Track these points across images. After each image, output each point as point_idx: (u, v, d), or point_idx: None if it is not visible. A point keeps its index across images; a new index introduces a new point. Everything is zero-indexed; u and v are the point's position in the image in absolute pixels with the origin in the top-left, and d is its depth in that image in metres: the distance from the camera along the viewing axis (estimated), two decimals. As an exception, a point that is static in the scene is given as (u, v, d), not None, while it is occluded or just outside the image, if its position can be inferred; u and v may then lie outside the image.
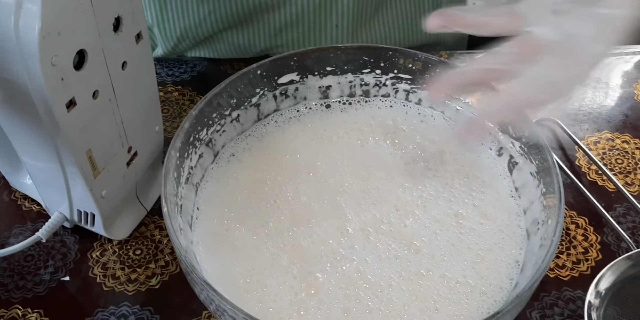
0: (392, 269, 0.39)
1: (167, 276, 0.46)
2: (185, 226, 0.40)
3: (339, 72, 0.49)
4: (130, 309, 0.44)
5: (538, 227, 0.40)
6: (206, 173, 0.45)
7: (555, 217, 0.37)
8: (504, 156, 0.46)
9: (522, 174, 0.44)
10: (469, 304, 0.38)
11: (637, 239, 0.49)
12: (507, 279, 0.39)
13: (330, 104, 0.50)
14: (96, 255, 0.47)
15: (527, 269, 0.38)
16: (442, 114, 0.49)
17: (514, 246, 0.41)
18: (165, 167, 0.38)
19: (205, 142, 0.44)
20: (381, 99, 0.50)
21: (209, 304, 0.35)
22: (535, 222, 0.41)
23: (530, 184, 0.42)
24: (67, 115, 0.36)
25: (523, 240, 0.41)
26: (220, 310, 0.33)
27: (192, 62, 0.64)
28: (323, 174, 0.45)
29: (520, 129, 0.43)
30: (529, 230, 0.41)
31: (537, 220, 0.41)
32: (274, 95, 0.48)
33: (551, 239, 0.36)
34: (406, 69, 0.48)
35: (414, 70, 0.48)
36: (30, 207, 0.50)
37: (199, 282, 0.33)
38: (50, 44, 0.33)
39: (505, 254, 0.41)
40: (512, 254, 0.41)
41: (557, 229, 0.36)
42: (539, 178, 0.42)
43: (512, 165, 0.45)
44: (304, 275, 0.39)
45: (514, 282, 0.39)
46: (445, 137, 0.48)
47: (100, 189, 0.43)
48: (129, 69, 0.41)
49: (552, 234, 0.36)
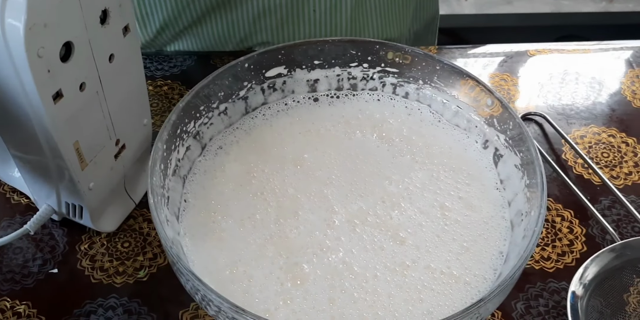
0: (378, 260, 0.40)
1: (155, 268, 0.46)
2: (172, 218, 0.40)
3: (326, 65, 0.49)
4: (119, 301, 0.44)
5: (522, 219, 0.40)
6: (193, 165, 0.45)
7: (538, 208, 0.37)
8: (490, 149, 0.46)
9: (506, 166, 0.44)
10: (452, 294, 0.38)
11: (621, 232, 0.50)
12: (491, 269, 0.40)
13: (318, 98, 0.50)
14: (84, 248, 0.47)
15: (511, 259, 0.39)
16: (429, 107, 0.49)
17: (498, 237, 0.41)
18: (152, 159, 0.39)
19: (192, 134, 0.44)
20: (369, 92, 0.51)
21: (194, 295, 0.35)
22: (519, 214, 0.41)
23: (515, 176, 0.43)
24: (53, 107, 0.36)
25: (507, 232, 0.42)
26: (206, 300, 0.34)
27: (182, 57, 0.64)
28: (310, 167, 0.45)
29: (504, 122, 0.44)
30: (513, 221, 0.42)
31: (520, 212, 0.41)
32: (261, 89, 0.49)
33: (533, 229, 0.36)
34: (393, 62, 0.49)
35: (400, 64, 0.48)
36: (19, 200, 0.51)
37: (184, 272, 0.33)
38: (37, 36, 0.33)
39: (489, 245, 0.41)
40: (496, 245, 0.41)
41: (540, 219, 0.37)
42: (523, 170, 0.42)
43: (498, 158, 0.45)
44: (290, 266, 0.39)
45: (497, 273, 0.39)
46: (431, 131, 0.48)
47: (88, 182, 0.43)
48: (116, 61, 0.41)
49: (534, 224, 0.37)
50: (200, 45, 0.67)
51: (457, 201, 0.43)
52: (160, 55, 0.64)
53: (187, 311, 0.44)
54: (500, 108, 0.44)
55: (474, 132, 0.47)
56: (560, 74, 0.65)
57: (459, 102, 0.47)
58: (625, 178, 0.55)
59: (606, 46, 0.70)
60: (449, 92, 0.48)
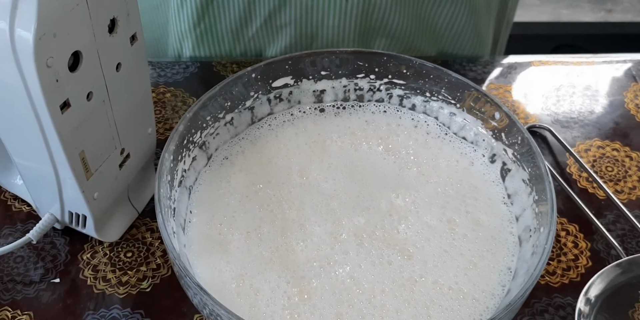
0: (385, 275, 0.39)
1: (159, 279, 0.46)
2: (179, 229, 0.40)
3: (333, 76, 0.49)
4: (121, 312, 0.44)
5: (530, 235, 0.40)
6: (199, 176, 0.44)
7: (548, 225, 0.37)
8: (497, 163, 0.46)
9: (514, 181, 0.44)
10: (461, 310, 0.38)
11: (626, 247, 0.50)
12: (499, 285, 0.39)
13: (324, 108, 0.50)
14: (87, 258, 0.47)
15: (519, 275, 0.38)
16: (436, 120, 0.49)
17: (506, 253, 0.41)
18: (159, 170, 0.38)
19: (198, 144, 0.44)
20: (375, 104, 0.50)
21: (202, 309, 0.35)
22: (527, 229, 0.41)
23: (523, 191, 0.43)
24: (61, 116, 0.36)
25: (515, 247, 0.41)
26: (214, 315, 0.33)
27: (185, 64, 0.64)
28: (316, 179, 0.45)
29: (513, 136, 0.44)
30: (521, 237, 0.42)
31: (529, 228, 0.41)
32: (268, 99, 0.48)
33: (543, 246, 0.36)
34: (400, 74, 0.48)
35: (408, 75, 0.48)
36: (20, 208, 0.50)
37: (192, 286, 0.33)
38: (46, 46, 0.33)
39: (497, 260, 0.41)
40: (504, 260, 0.41)
41: (550, 237, 0.36)
42: (531, 185, 0.42)
43: (505, 172, 0.45)
44: (297, 280, 0.39)
45: (506, 289, 0.39)
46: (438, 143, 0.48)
47: (93, 191, 0.42)
48: (123, 70, 0.40)
49: (544, 242, 0.36)
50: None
51: (465, 215, 0.43)
52: (163, 62, 0.64)
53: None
54: (508, 122, 0.44)
55: (481, 145, 0.47)
56: (564, 86, 0.65)
57: (466, 115, 0.47)
58: (629, 192, 0.55)
59: (610, 59, 0.70)
60: (456, 104, 0.47)
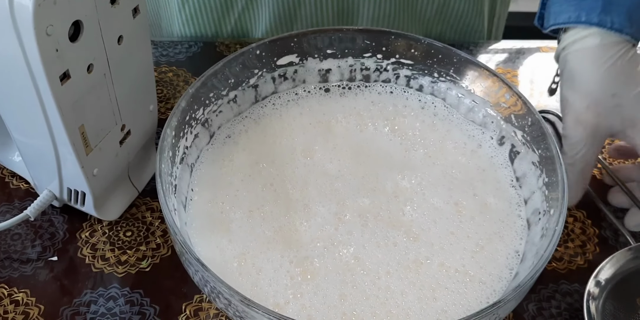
0: (391, 256, 0.38)
1: (158, 259, 0.45)
2: (180, 207, 0.39)
3: (339, 55, 0.48)
4: (120, 291, 0.43)
5: (539, 217, 0.39)
6: (201, 154, 0.43)
7: (559, 207, 0.36)
8: (506, 145, 0.45)
9: (523, 163, 0.43)
10: (467, 293, 0.37)
11: (635, 234, 0.49)
12: (507, 269, 0.39)
13: (330, 88, 0.49)
14: (85, 236, 0.46)
15: (528, 259, 0.38)
16: (443, 101, 0.48)
17: (514, 236, 0.40)
18: (160, 145, 0.37)
19: (201, 121, 0.43)
20: (382, 84, 0.49)
21: (203, 286, 0.34)
22: (536, 212, 0.40)
23: (532, 173, 0.42)
24: (60, 88, 0.35)
25: (523, 231, 0.41)
26: (215, 292, 0.32)
27: (187, 43, 0.63)
28: (320, 159, 0.44)
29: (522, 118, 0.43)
30: (530, 220, 0.41)
31: (538, 210, 0.40)
32: (272, 77, 0.47)
33: (554, 228, 0.35)
34: (408, 54, 0.47)
35: (416, 55, 0.47)
36: (19, 185, 0.49)
37: (194, 263, 0.32)
38: (46, 13, 0.32)
39: (504, 243, 0.40)
40: (512, 244, 0.40)
41: (560, 219, 0.35)
42: (541, 168, 0.41)
43: (514, 155, 0.44)
44: (300, 260, 0.38)
45: (513, 272, 0.38)
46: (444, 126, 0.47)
47: (92, 167, 0.41)
48: (124, 43, 0.39)
49: (554, 224, 0.36)
50: None
51: (472, 198, 0.42)
52: (166, 41, 0.63)
53: (190, 304, 0.42)
54: (519, 103, 0.43)
55: (489, 127, 0.46)
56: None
57: (475, 97, 0.46)
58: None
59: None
60: (465, 85, 0.46)
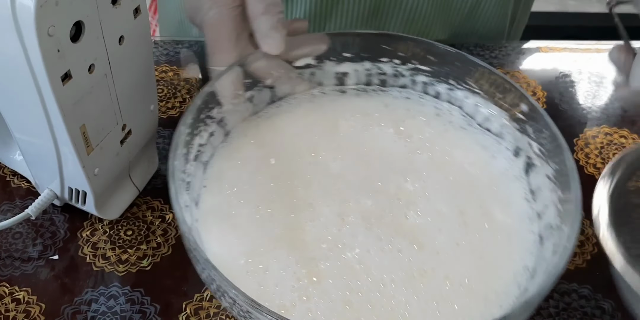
0: (395, 264, 0.38)
1: (159, 258, 0.45)
2: (192, 204, 0.39)
3: (356, 59, 0.47)
4: (121, 290, 0.43)
5: (552, 233, 0.38)
6: (215, 151, 0.43)
7: (572, 223, 0.35)
8: (521, 157, 0.44)
9: (538, 176, 0.42)
10: (471, 308, 0.36)
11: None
12: (514, 284, 0.38)
13: (346, 91, 0.49)
14: (86, 235, 0.46)
15: (538, 275, 0.37)
16: (460, 109, 0.47)
17: (523, 251, 0.39)
18: (174, 142, 0.37)
19: (217, 120, 0.43)
20: (398, 89, 0.48)
21: (209, 284, 0.34)
22: (549, 227, 0.39)
23: (547, 187, 0.40)
24: (62, 88, 0.35)
25: (534, 246, 0.39)
26: (221, 291, 0.32)
27: (188, 42, 0.63)
28: (325, 158, 0.44)
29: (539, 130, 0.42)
30: (542, 235, 0.40)
31: (551, 225, 0.39)
32: (289, 78, 0.47)
33: (565, 245, 0.34)
34: (425, 60, 0.46)
35: (433, 62, 0.46)
36: (19, 183, 0.49)
37: (201, 261, 0.32)
38: (48, 14, 0.32)
39: (512, 258, 0.39)
40: (521, 259, 0.39)
41: (574, 235, 0.34)
42: (556, 182, 0.40)
43: (529, 167, 0.43)
44: (306, 261, 0.38)
45: (522, 288, 0.37)
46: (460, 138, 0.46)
47: (93, 167, 0.42)
48: (126, 43, 0.39)
49: (566, 241, 0.34)
50: None
51: (478, 209, 0.41)
52: (166, 41, 0.63)
53: (191, 302, 0.43)
54: (536, 115, 0.42)
55: (505, 138, 0.45)
56: (572, 72, 0.64)
57: (492, 106, 0.45)
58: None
59: (619, 45, 0.69)
60: (482, 95, 0.45)
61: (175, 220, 0.47)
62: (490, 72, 0.44)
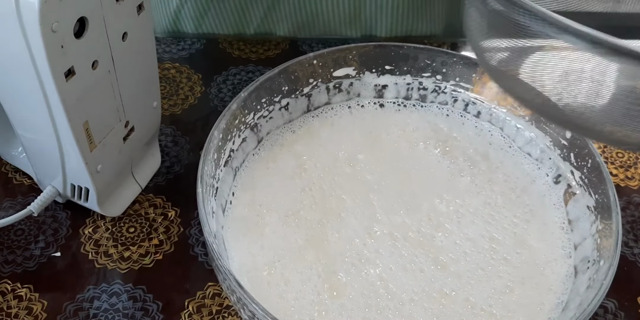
0: (416, 283, 0.37)
1: (161, 255, 0.45)
2: (218, 210, 0.39)
3: (397, 72, 0.47)
4: (123, 287, 0.43)
5: (588, 266, 0.37)
6: (247, 158, 0.43)
7: (610, 259, 0.35)
8: (561, 184, 0.43)
9: (578, 206, 0.41)
10: None
11: (636, 233, 0.49)
12: (543, 315, 0.37)
13: (384, 104, 0.48)
14: (88, 232, 0.46)
15: (570, 309, 0.36)
16: (501, 130, 0.47)
17: (553, 283, 0.38)
18: (206, 147, 0.37)
19: (250, 126, 0.43)
20: (438, 106, 0.48)
21: (230, 295, 0.34)
22: (585, 260, 0.38)
23: (586, 218, 0.40)
24: (65, 84, 0.35)
25: (568, 278, 0.39)
26: (241, 303, 0.32)
27: (191, 40, 0.63)
28: (362, 169, 0.43)
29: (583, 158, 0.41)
30: (577, 267, 0.39)
31: (587, 259, 0.38)
32: (327, 88, 0.47)
33: (601, 281, 0.33)
34: (468, 78, 0.46)
35: (476, 80, 0.46)
36: (22, 180, 0.49)
37: (223, 271, 0.32)
38: (51, 9, 0.32)
39: (539, 289, 0.38)
40: (551, 290, 0.38)
41: (610, 272, 0.34)
42: (596, 213, 0.39)
43: (569, 196, 0.42)
44: (328, 275, 0.37)
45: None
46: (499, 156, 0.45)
47: (96, 164, 0.41)
48: (129, 40, 0.39)
49: (603, 276, 0.34)
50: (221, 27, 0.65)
51: (511, 236, 0.40)
52: (169, 38, 0.63)
53: (193, 300, 0.43)
54: (580, 142, 0.41)
55: (546, 164, 0.44)
56: (575, 71, 0.64)
57: (534, 130, 0.45)
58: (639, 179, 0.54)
59: (622, 44, 0.68)
60: (524, 117, 0.45)
61: (178, 218, 0.47)
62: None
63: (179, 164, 0.51)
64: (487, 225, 0.41)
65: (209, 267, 0.44)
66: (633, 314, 0.43)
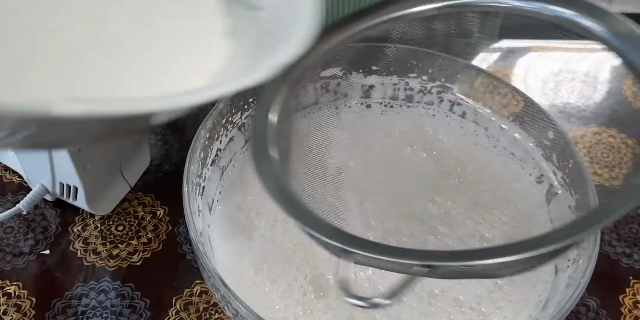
0: None
1: (149, 253, 0.45)
2: (205, 209, 0.39)
3: (384, 72, 0.47)
4: (111, 285, 0.43)
5: (568, 265, 0.38)
6: (234, 157, 0.43)
7: (587, 258, 0.35)
8: (544, 184, 0.44)
9: (560, 205, 0.42)
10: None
11: (619, 233, 0.50)
12: (525, 312, 0.37)
13: (371, 105, 0.48)
14: (77, 230, 0.46)
15: (549, 306, 0.37)
16: (486, 130, 0.47)
17: (537, 280, 0.39)
18: (192, 146, 0.37)
19: (237, 125, 0.43)
20: (424, 106, 0.48)
21: (215, 292, 0.35)
22: (565, 259, 0.39)
23: (567, 217, 0.40)
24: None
25: (549, 276, 0.39)
26: (225, 300, 0.33)
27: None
28: (353, 176, 0.44)
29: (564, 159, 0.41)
30: (558, 266, 0.39)
31: (567, 257, 0.38)
32: (314, 88, 0.47)
33: (579, 279, 0.34)
34: (454, 78, 0.46)
35: (461, 80, 0.46)
36: (11, 178, 0.49)
37: (207, 269, 0.33)
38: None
39: (525, 286, 0.39)
40: (535, 288, 0.39)
41: (587, 271, 0.34)
42: (577, 213, 0.39)
43: (551, 196, 0.43)
44: (316, 277, 0.38)
45: (532, 318, 0.37)
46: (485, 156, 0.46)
47: (85, 162, 0.42)
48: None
49: (581, 275, 0.34)
50: None
51: (499, 234, 0.41)
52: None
53: (180, 297, 0.43)
54: (562, 143, 0.42)
55: (529, 163, 0.45)
56: (563, 72, 0.65)
57: (518, 130, 0.45)
58: (624, 179, 0.54)
59: (609, 46, 0.69)
60: (509, 117, 0.45)
61: (166, 217, 0.47)
62: (520, 94, 0.44)
63: (168, 162, 0.51)
64: (477, 225, 0.41)
65: (196, 265, 0.44)
66: (615, 312, 0.44)
